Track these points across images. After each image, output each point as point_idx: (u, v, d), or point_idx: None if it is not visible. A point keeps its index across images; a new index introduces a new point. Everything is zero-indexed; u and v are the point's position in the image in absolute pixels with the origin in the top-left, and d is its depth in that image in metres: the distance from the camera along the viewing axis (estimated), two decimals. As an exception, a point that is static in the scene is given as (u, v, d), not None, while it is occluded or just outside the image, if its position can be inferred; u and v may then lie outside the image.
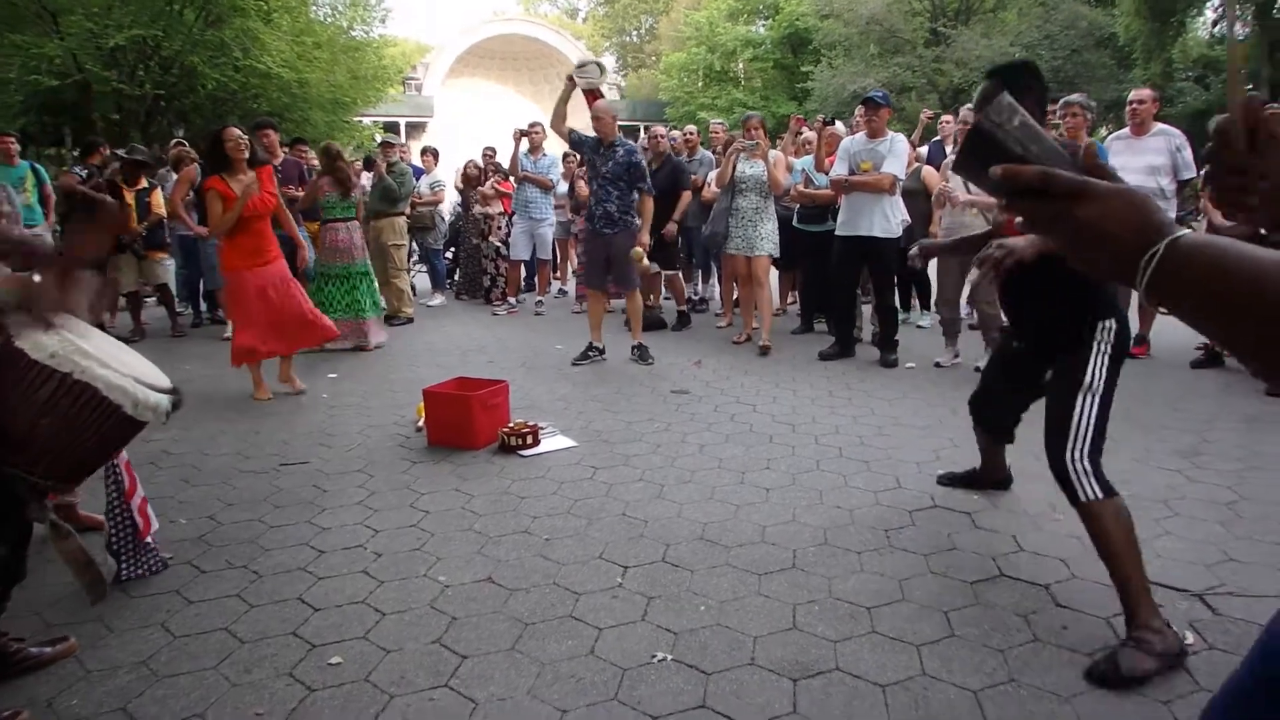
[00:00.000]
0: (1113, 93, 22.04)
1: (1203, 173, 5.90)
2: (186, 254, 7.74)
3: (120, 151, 7.84)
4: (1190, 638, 2.28)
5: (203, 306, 8.13)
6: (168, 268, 7.61)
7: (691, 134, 8.44)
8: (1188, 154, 5.67)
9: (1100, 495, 2.30)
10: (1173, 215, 5.94)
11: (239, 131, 4.98)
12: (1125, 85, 17.24)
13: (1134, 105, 5.77)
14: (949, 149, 7.15)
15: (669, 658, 2.22)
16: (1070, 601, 2.49)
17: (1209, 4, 25.17)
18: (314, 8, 20.80)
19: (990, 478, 3.38)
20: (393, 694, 2.07)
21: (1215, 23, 26.57)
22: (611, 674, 2.15)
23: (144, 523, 2.69)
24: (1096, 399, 2.38)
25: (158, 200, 7.25)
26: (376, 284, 6.99)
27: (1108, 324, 2.43)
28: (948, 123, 7.72)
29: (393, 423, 4.55)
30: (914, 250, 3.20)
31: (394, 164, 8.03)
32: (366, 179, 8.88)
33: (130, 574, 2.68)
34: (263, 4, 17.10)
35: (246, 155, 4.91)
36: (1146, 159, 5.61)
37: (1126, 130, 5.87)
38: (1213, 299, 0.69)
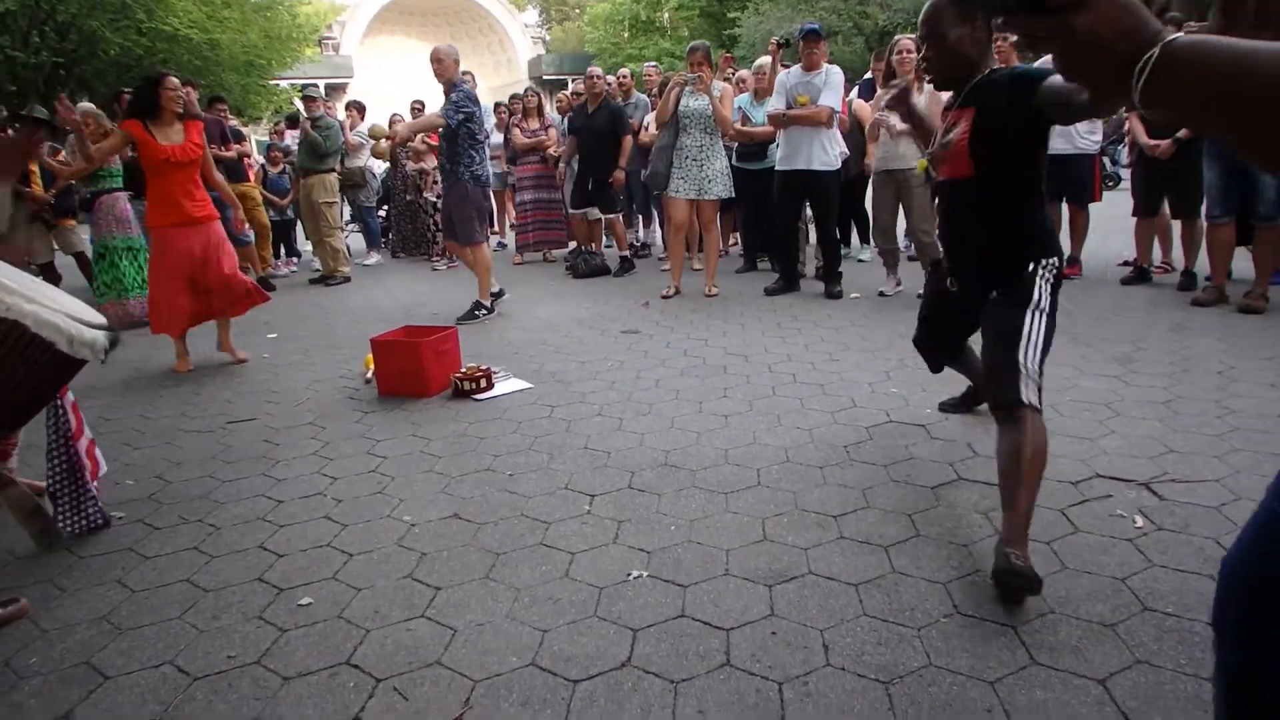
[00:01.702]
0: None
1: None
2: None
3: (22, 113, 7.41)
4: (1140, 521, 2.38)
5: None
6: (81, 235, 7.26)
7: (625, 78, 8.30)
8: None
9: (1038, 404, 2.21)
10: (1098, 139, 6.11)
11: (179, 81, 4.71)
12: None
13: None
14: (879, 89, 7.19)
15: (645, 574, 2.23)
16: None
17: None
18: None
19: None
20: (369, 628, 2.03)
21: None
22: (589, 593, 2.15)
23: (92, 465, 2.59)
24: (1044, 316, 2.33)
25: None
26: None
27: (1049, 260, 2.39)
28: (877, 70, 7.72)
29: (339, 376, 4.44)
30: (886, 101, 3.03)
31: (318, 118, 7.77)
32: (292, 137, 8.59)
33: (69, 524, 2.56)
34: (164, -38, 16.28)
35: (180, 110, 4.66)
36: (1076, 82, 5.70)
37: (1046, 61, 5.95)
38: (1211, 93, 0.70)
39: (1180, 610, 1.93)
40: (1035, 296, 2.33)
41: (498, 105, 8.90)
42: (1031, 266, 2.37)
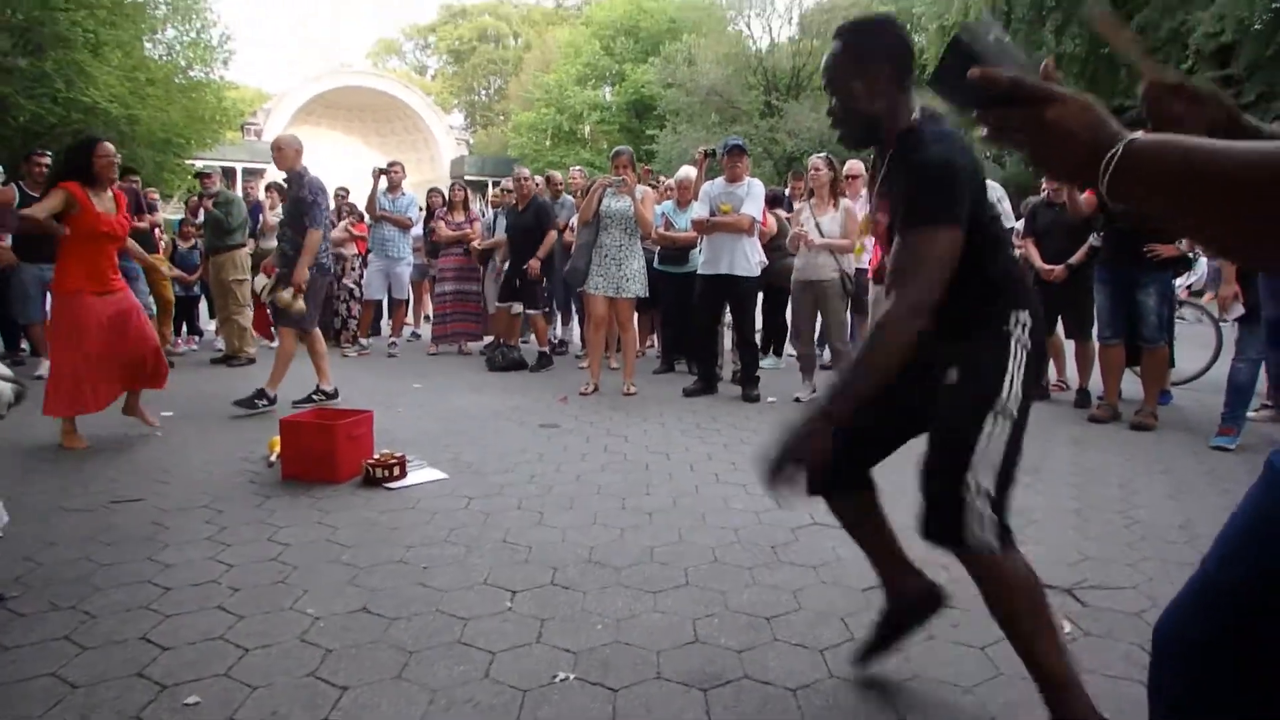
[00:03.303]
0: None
1: (1020, 223, 6.48)
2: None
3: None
4: (1068, 627, 2.39)
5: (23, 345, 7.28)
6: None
7: (557, 180, 8.47)
8: (1006, 205, 6.21)
9: (996, 546, 1.77)
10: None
11: (113, 148, 4.49)
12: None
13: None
14: (796, 204, 7.57)
15: (571, 676, 2.09)
16: (958, 601, 2.53)
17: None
18: (150, 45, 19.68)
19: (910, 592, 2.17)
20: (264, 731, 1.83)
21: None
22: (511, 696, 1.99)
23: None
24: (1009, 422, 1.79)
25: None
26: None
27: (1020, 315, 1.83)
28: (797, 189, 8.09)
29: (239, 458, 4.18)
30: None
31: (216, 193, 7.61)
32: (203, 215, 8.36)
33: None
34: (91, 35, 15.97)
35: (115, 177, 4.47)
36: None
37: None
38: (1170, 190, 0.75)
39: (1114, 715, 1.91)
40: (1002, 394, 1.78)
41: (432, 190, 8.91)
42: (1000, 318, 1.83)
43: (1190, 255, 5.74)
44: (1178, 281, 5.63)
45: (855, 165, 6.65)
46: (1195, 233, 0.79)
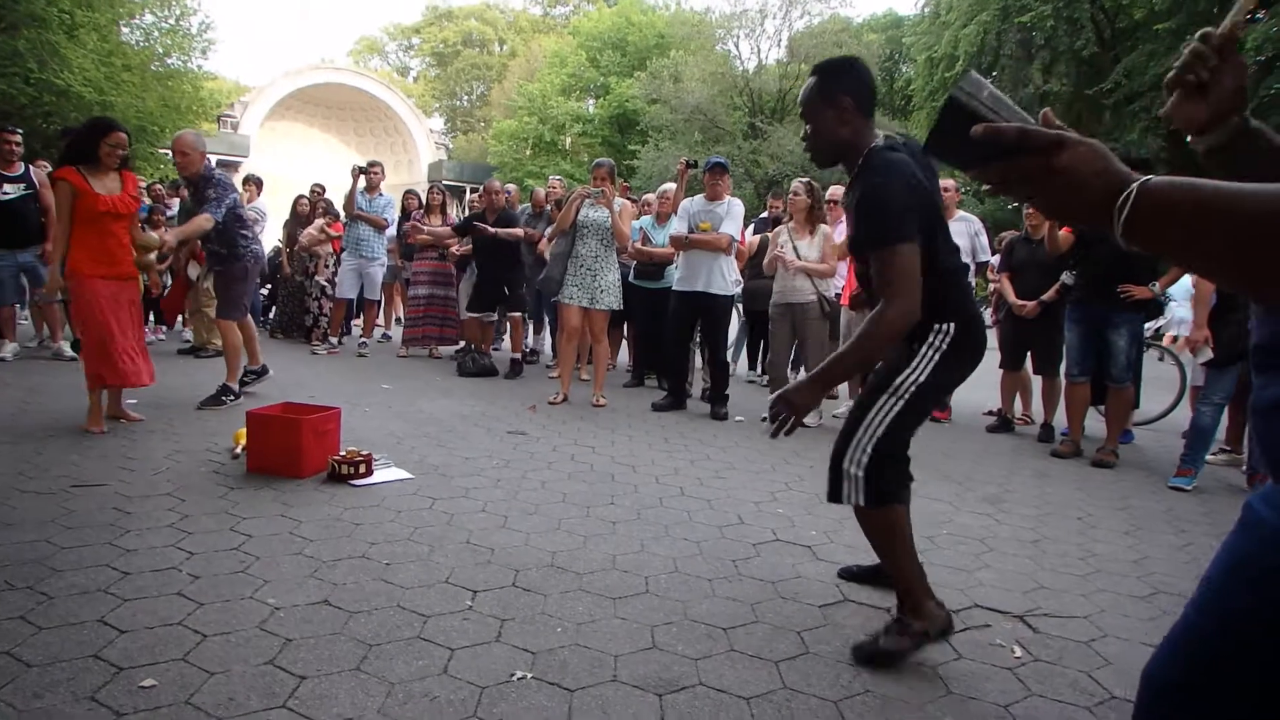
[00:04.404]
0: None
1: (996, 257, 6.62)
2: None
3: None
4: (1019, 651, 2.45)
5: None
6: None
7: (540, 200, 8.48)
8: (984, 239, 6.34)
9: (864, 503, 2.28)
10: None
11: (126, 139, 4.47)
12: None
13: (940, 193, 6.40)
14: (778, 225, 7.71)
15: (529, 676, 2.11)
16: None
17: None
18: (126, 29, 19.43)
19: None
20: (220, 716, 1.82)
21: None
22: (469, 692, 2.01)
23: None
24: (901, 402, 2.25)
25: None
26: None
27: (943, 326, 2.28)
28: (775, 207, 8.23)
29: (204, 449, 4.14)
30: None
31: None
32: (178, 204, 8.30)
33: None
34: (66, 16, 15.74)
35: (117, 163, 4.45)
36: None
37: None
38: (1184, 230, 0.77)
39: (1058, 738, 1.97)
40: (899, 380, 2.27)
41: (408, 192, 8.91)
42: (921, 331, 2.25)
43: (1161, 299, 5.89)
44: (1147, 325, 5.78)
45: (836, 191, 6.76)
46: (1207, 270, 0.82)
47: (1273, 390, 0.87)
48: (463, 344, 8.00)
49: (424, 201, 8.56)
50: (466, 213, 9.95)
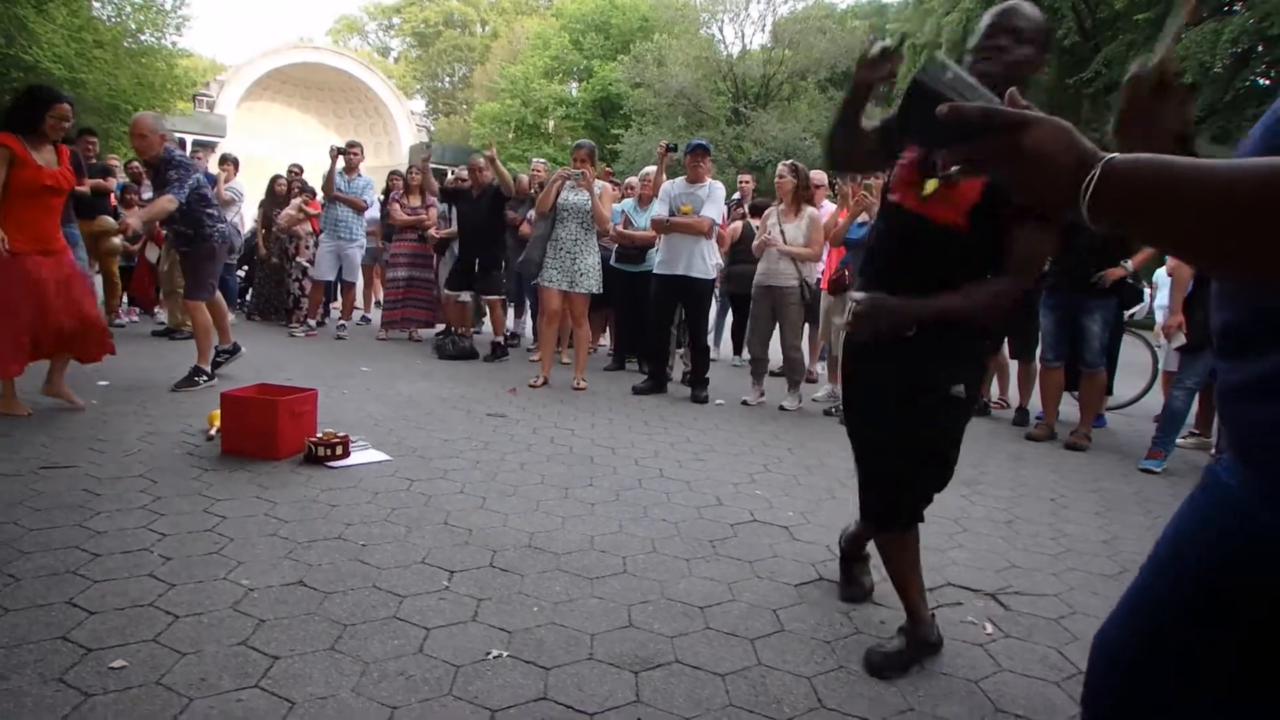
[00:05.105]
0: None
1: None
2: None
3: None
4: (990, 628, 2.48)
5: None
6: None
7: (525, 185, 8.40)
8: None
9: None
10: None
11: (70, 110, 4.28)
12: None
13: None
14: (746, 203, 7.76)
15: (505, 654, 2.11)
16: (884, 600, 2.63)
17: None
18: (98, 4, 19.07)
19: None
20: (192, 696, 1.81)
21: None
22: (444, 671, 2.01)
23: None
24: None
25: None
26: None
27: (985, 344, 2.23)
28: (745, 182, 8.22)
29: (179, 431, 4.10)
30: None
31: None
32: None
33: None
34: (35, -11, 15.46)
35: (60, 137, 4.29)
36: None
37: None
38: (1150, 208, 0.76)
39: (1029, 713, 2.00)
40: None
41: (392, 173, 8.82)
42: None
43: (1139, 287, 5.95)
44: (1126, 313, 5.84)
45: (819, 175, 6.76)
46: (1174, 249, 0.80)
47: (1236, 375, 0.87)
48: (443, 327, 7.96)
49: (404, 183, 8.47)
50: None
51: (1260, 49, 15.82)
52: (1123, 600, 1.06)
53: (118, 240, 4.78)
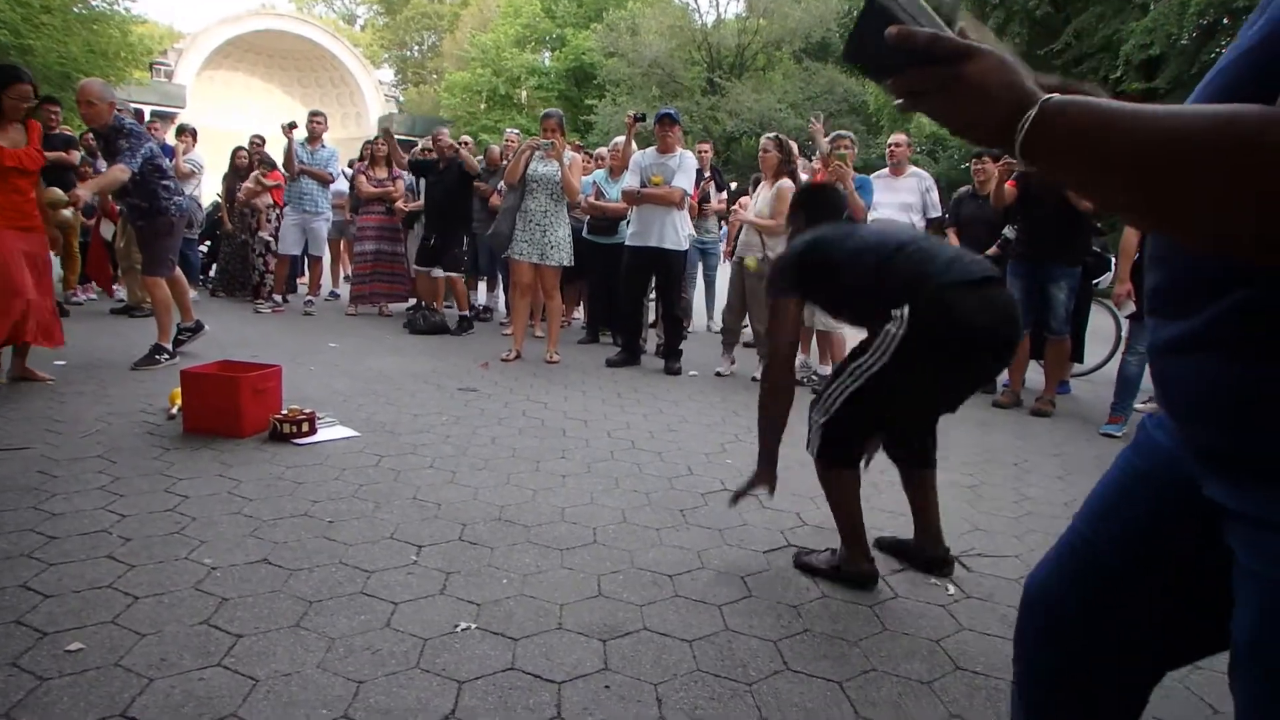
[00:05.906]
0: (862, 153, 24.51)
1: (946, 214, 6.64)
2: None
3: None
4: (952, 589, 2.51)
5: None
6: None
7: (495, 156, 8.28)
8: (934, 195, 6.35)
9: (812, 453, 2.55)
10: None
11: (31, 92, 4.18)
12: (873, 149, 19.21)
13: (893, 148, 6.40)
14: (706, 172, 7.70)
15: (473, 626, 2.10)
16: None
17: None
18: (43, -35, 18.40)
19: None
20: (152, 677, 1.79)
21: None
22: (411, 644, 2.00)
23: None
24: (855, 382, 2.33)
25: None
26: None
27: (899, 311, 2.22)
28: (704, 152, 8.08)
29: (138, 410, 4.03)
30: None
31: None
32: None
33: None
34: (-25, -48, 14.92)
35: (22, 115, 4.18)
36: (901, 197, 6.21)
37: (886, 170, 6.46)
38: (1084, 152, 0.73)
39: (988, 670, 2.03)
40: (863, 359, 2.33)
41: (367, 144, 8.64)
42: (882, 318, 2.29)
43: (1107, 256, 5.99)
44: (1094, 282, 5.90)
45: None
46: (1107, 201, 0.77)
47: (1163, 332, 0.87)
48: (414, 301, 7.88)
49: (370, 154, 8.32)
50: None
51: (1226, 21, 15.89)
52: (1055, 546, 1.11)
53: (68, 212, 4.63)
